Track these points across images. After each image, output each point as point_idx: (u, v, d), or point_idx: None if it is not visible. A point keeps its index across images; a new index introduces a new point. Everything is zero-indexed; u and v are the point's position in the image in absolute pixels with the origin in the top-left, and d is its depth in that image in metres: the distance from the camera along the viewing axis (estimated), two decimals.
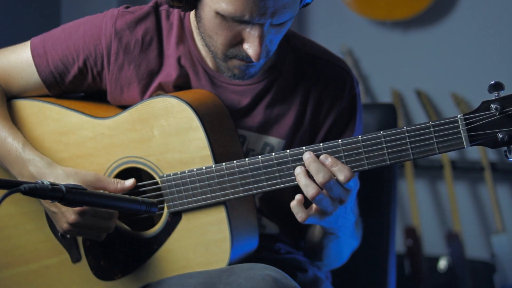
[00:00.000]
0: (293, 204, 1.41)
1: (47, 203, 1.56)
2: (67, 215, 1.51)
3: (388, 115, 1.99)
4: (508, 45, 3.45)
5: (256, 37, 1.45)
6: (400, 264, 3.25)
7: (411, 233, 3.34)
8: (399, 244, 3.35)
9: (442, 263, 3.39)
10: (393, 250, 1.98)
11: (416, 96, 3.57)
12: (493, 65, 3.46)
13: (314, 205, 1.42)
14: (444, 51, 3.55)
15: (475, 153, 3.47)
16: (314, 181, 1.40)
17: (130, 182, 1.55)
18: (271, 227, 1.69)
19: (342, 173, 1.38)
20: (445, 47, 3.55)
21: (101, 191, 1.51)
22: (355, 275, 1.76)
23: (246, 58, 1.49)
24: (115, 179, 1.56)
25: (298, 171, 1.41)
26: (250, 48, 1.46)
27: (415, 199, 3.41)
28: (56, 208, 1.53)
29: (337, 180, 1.39)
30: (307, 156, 1.41)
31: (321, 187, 1.38)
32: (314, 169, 1.39)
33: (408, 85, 3.60)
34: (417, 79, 3.59)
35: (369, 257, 1.74)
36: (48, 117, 1.64)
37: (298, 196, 1.41)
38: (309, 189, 1.39)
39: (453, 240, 3.29)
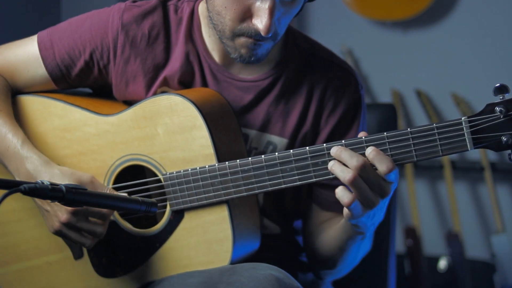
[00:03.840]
0: (338, 189, 1.36)
1: (40, 202, 1.55)
2: (59, 214, 1.50)
3: (388, 115, 1.99)
4: (508, 45, 3.45)
5: (266, 9, 1.44)
6: (400, 264, 3.25)
7: (411, 233, 3.34)
8: (399, 244, 3.35)
9: (442, 263, 3.39)
10: (393, 250, 1.98)
11: (416, 96, 3.57)
12: (493, 65, 3.47)
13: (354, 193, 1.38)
14: (444, 51, 3.55)
15: (475, 153, 3.47)
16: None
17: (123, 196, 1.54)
18: (272, 228, 1.68)
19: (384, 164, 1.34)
20: (445, 47, 3.55)
21: (101, 192, 1.50)
22: (355, 275, 1.75)
23: (255, 35, 1.48)
24: (108, 187, 1.56)
25: (331, 163, 1.37)
26: (259, 22, 1.45)
27: (415, 199, 3.41)
28: (49, 206, 1.52)
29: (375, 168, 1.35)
30: (336, 149, 1.37)
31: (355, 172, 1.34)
32: (347, 155, 1.35)
33: (408, 85, 3.61)
34: (417, 79, 3.59)
35: (369, 257, 1.74)
36: (52, 113, 1.64)
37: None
38: (346, 174, 1.34)
39: (453, 240, 3.29)
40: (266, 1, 1.44)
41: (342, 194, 1.35)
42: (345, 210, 1.39)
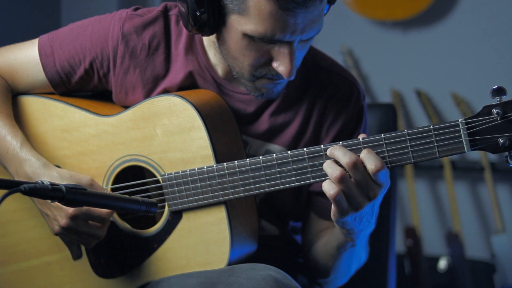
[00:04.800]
0: (325, 182, 1.36)
1: (40, 205, 1.56)
2: (59, 218, 1.51)
3: (388, 115, 1.99)
4: (508, 45, 3.45)
5: (287, 54, 1.44)
6: (400, 264, 3.25)
7: (411, 233, 3.34)
8: (399, 244, 3.35)
9: (442, 263, 3.39)
10: (393, 250, 1.98)
11: (416, 96, 3.57)
12: (493, 65, 3.46)
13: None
14: (444, 51, 3.55)
15: (475, 153, 3.47)
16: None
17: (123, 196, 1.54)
18: (270, 229, 1.68)
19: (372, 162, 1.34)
20: (445, 47, 3.55)
21: (101, 192, 1.51)
22: (355, 275, 1.75)
23: (276, 76, 1.49)
24: (108, 189, 1.56)
25: (325, 163, 1.37)
26: (281, 66, 1.45)
27: (415, 199, 3.41)
28: (49, 211, 1.53)
29: (366, 169, 1.34)
30: (331, 148, 1.37)
31: (346, 169, 1.34)
32: (340, 153, 1.35)
33: (408, 85, 3.60)
34: (417, 79, 3.59)
35: (369, 257, 1.74)
36: (52, 114, 1.65)
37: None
38: (334, 171, 1.34)
39: (453, 240, 3.29)
40: (285, 46, 1.44)
41: (328, 186, 1.35)
42: (332, 207, 1.38)
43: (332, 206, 1.38)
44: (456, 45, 3.53)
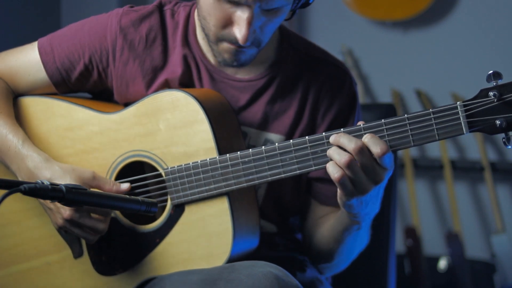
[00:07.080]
0: (329, 163, 1.38)
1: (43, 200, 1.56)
2: (62, 211, 1.51)
3: (388, 115, 1.98)
4: (508, 45, 3.45)
5: (244, 19, 1.47)
6: (400, 264, 3.25)
7: (411, 233, 3.34)
8: (399, 244, 3.35)
9: (442, 263, 3.40)
10: (393, 250, 1.98)
11: (416, 96, 3.58)
12: (493, 65, 3.45)
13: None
14: (444, 51, 3.56)
15: (475, 153, 3.47)
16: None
17: (125, 185, 1.56)
18: (268, 227, 1.69)
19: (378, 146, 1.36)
20: (445, 47, 3.55)
21: (101, 191, 1.51)
22: (355, 275, 1.76)
23: (235, 42, 1.51)
24: (111, 180, 1.57)
25: (330, 149, 1.39)
26: (237, 30, 1.49)
27: (415, 199, 3.41)
28: (52, 204, 1.53)
29: (371, 153, 1.37)
30: (335, 136, 1.39)
31: (353, 155, 1.37)
32: (346, 140, 1.38)
33: (408, 85, 3.61)
34: (417, 79, 3.60)
35: (369, 257, 1.74)
36: (55, 113, 1.65)
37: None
38: (342, 156, 1.37)
39: (453, 240, 3.30)
40: (245, 11, 1.47)
41: (332, 168, 1.38)
42: (338, 191, 1.41)
43: (338, 190, 1.41)
44: (456, 45, 3.53)
